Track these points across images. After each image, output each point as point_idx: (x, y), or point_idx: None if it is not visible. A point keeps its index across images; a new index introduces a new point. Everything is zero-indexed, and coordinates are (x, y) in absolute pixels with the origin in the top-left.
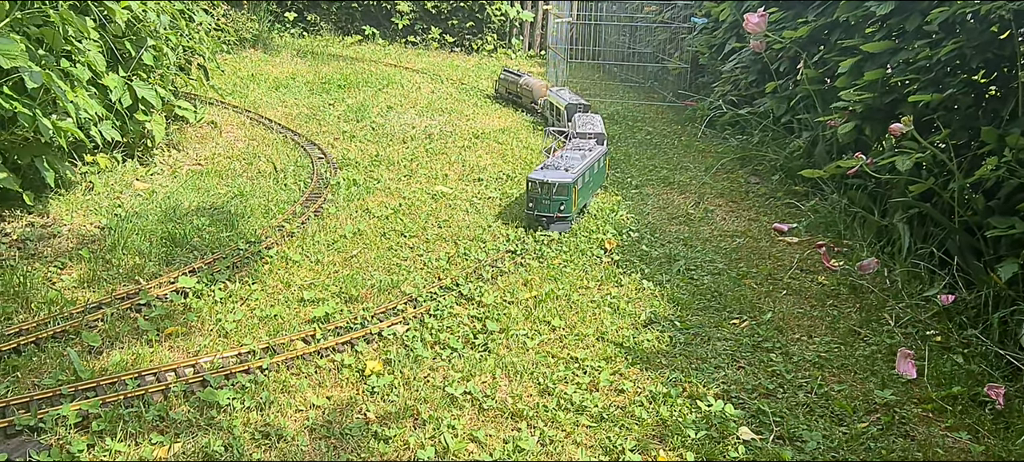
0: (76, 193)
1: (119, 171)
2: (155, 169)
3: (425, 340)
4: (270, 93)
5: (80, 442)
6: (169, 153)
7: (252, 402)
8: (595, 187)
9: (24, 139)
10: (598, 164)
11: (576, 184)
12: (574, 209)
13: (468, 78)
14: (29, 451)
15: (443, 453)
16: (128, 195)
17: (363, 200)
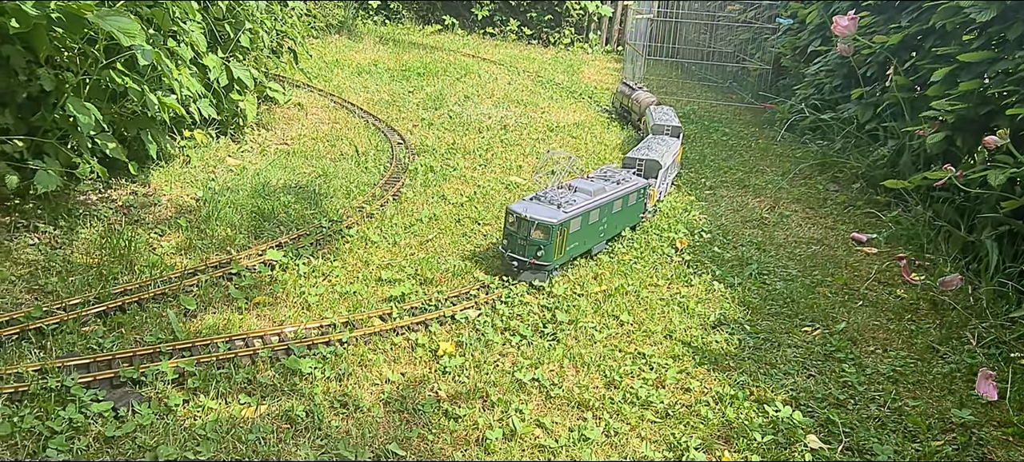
0: (174, 166)
1: (213, 147)
2: (246, 147)
3: (496, 326)
4: (353, 78)
5: (177, 397)
6: (259, 132)
7: (332, 372)
8: (617, 228)
9: (132, 113)
10: (624, 201)
11: (565, 226)
12: (558, 257)
13: (545, 71)
14: (132, 401)
15: (510, 435)
16: (221, 170)
17: (439, 186)
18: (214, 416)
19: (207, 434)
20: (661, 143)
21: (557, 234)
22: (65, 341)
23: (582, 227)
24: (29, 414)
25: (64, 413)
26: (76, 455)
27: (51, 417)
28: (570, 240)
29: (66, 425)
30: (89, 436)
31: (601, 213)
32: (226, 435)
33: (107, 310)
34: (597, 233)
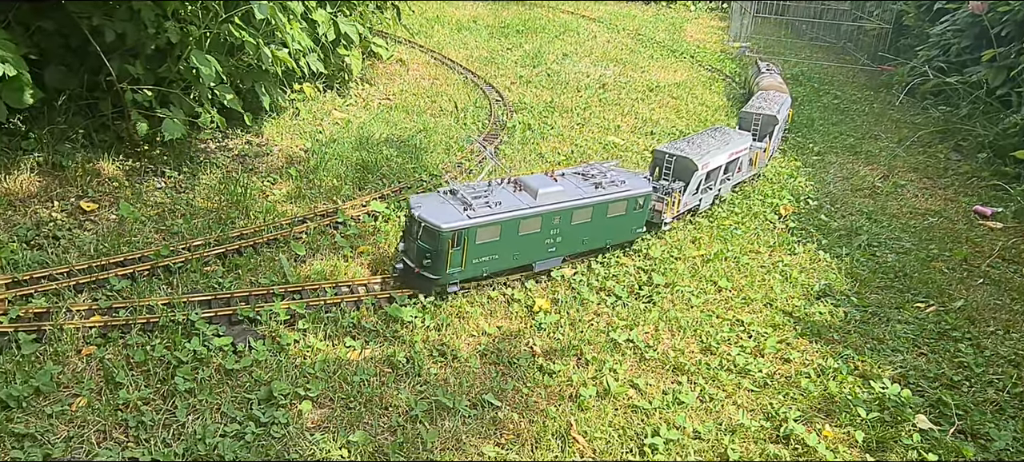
0: (285, 118)
1: (320, 100)
2: (350, 101)
3: (591, 285)
4: (453, 35)
5: (288, 336)
6: (362, 87)
7: (431, 321)
8: (585, 244)
9: (247, 66)
10: (599, 212)
11: (465, 234)
12: (452, 270)
13: (645, 29)
14: (249, 338)
15: (604, 394)
16: (327, 123)
17: (537, 144)
18: (322, 356)
19: (316, 373)
20: (774, 99)
21: (449, 242)
22: (189, 279)
23: (505, 238)
24: (160, 344)
25: (189, 345)
26: (201, 385)
27: (178, 348)
28: (478, 252)
29: (191, 356)
30: (211, 367)
31: (546, 223)
32: (333, 375)
33: (226, 252)
34: (539, 247)
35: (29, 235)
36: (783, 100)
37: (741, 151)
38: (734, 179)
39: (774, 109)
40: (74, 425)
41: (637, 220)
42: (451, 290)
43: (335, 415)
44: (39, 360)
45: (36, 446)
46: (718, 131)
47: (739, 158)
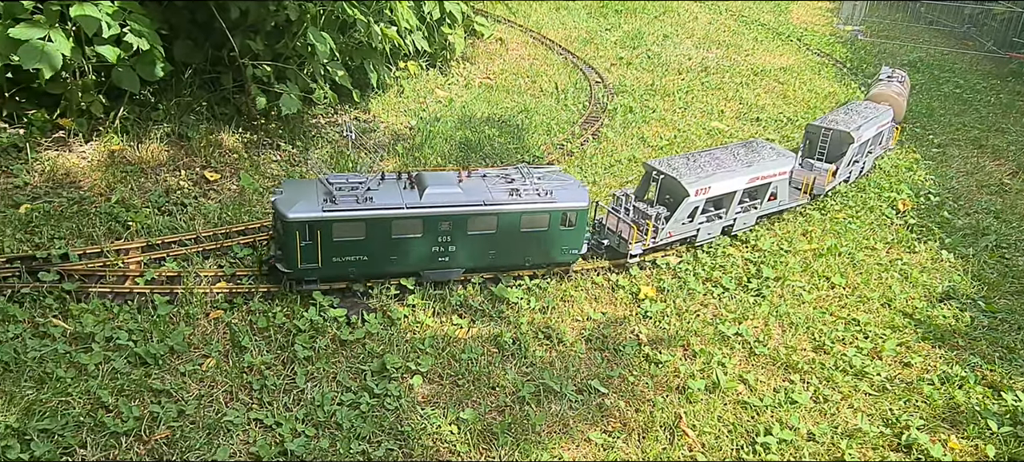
0: (390, 95)
1: (423, 78)
2: (452, 79)
3: (698, 275)
4: (551, 14)
5: (399, 312)
6: (463, 65)
7: (537, 304)
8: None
9: (357, 43)
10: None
11: (317, 228)
12: (304, 265)
13: (749, 10)
14: (362, 311)
15: (713, 387)
16: (430, 101)
17: (638, 128)
18: (431, 332)
19: (426, 348)
20: (864, 114)
21: (296, 235)
22: None
23: (373, 238)
24: (280, 312)
25: (307, 314)
26: (318, 354)
27: (297, 317)
28: (338, 250)
29: (308, 325)
30: (327, 337)
31: (430, 228)
32: (442, 351)
33: None
34: (424, 254)
35: (160, 201)
36: (877, 117)
37: (774, 175)
38: (764, 209)
39: (854, 125)
40: (204, 384)
41: (569, 239)
42: (308, 288)
43: (444, 391)
44: (172, 321)
45: (171, 402)
46: (749, 147)
47: (771, 183)
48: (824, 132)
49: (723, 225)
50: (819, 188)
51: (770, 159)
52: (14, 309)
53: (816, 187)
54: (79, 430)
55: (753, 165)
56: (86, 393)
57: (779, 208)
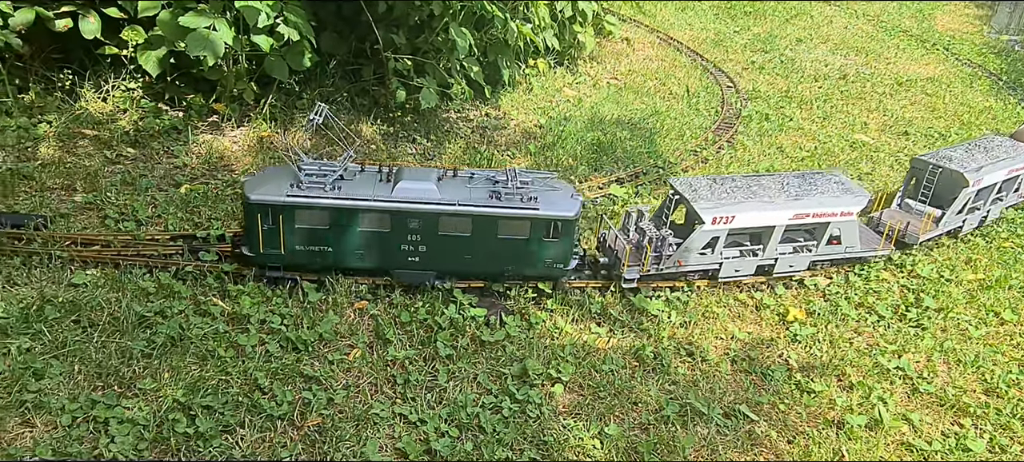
0: (518, 92)
1: (551, 76)
2: (580, 78)
3: (850, 298)
4: (677, 14)
5: (538, 316)
6: (590, 65)
7: (678, 318)
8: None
9: (492, 39)
10: (486, 227)
11: (283, 216)
12: (265, 250)
13: (888, 15)
14: (500, 312)
15: (875, 425)
16: (558, 100)
17: (775, 137)
18: (570, 339)
19: (566, 356)
20: (998, 151)
21: (258, 217)
22: None
23: (339, 229)
24: (422, 307)
25: (447, 312)
26: (459, 353)
27: (437, 313)
28: (301, 238)
29: (448, 323)
30: (467, 336)
31: (398, 225)
32: (582, 360)
33: None
34: (393, 252)
35: None
36: (1012, 158)
37: (832, 214)
38: (823, 253)
39: (972, 165)
40: (351, 374)
41: (553, 252)
42: (273, 275)
43: (586, 403)
44: (321, 309)
45: (321, 390)
46: (808, 178)
47: (829, 224)
48: (932, 169)
49: (759, 263)
50: (912, 237)
51: (830, 195)
52: (179, 286)
53: (908, 235)
54: (238, 409)
55: (802, 200)
56: (243, 373)
57: (847, 255)
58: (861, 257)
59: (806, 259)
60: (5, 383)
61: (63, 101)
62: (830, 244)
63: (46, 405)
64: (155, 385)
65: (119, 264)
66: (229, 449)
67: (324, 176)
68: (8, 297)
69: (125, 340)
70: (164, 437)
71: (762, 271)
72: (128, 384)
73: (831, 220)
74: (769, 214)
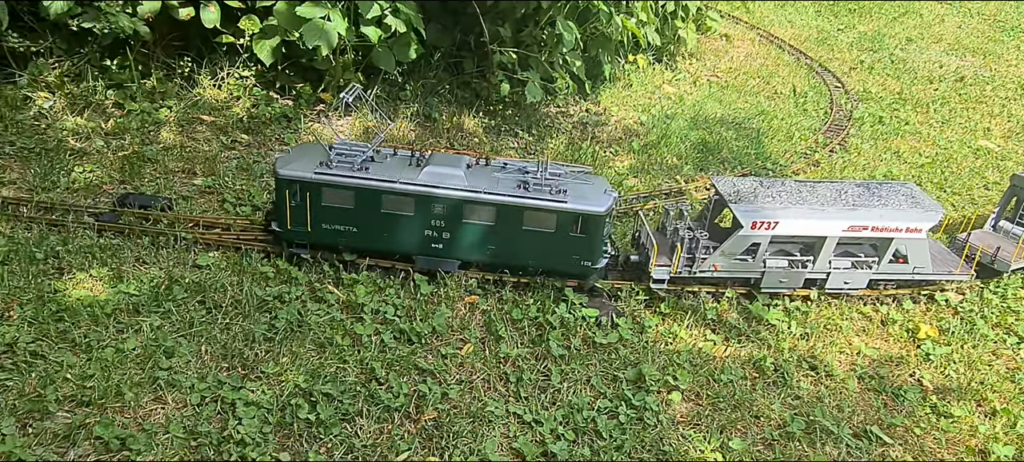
0: (618, 88)
1: (650, 72)
2: (679, 75)
3: (986, 317)
4: (776, 10)
5: (651, 319)
6: (689, 61)
7: (798, 329)
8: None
9: (596, 34)
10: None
11: (310, 193)
12: (294, 228)
13: (1006, 14)
14: (611, 314)
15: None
16: (657, 97)
17: (891, 141)
18: (685, 346)
19: (682, 363)
20: None
21: (286, 193)
22: None
23: (363, 210)
24: (533, 305)
25: (558, 311)
26: (571, 353)
27: (548, 312)
28: (326, 216)
29: (559, 322)
30: (578, 337)
31: (423, 209)
32: (699, 368)
33: None
34: (416, 237)
35: None
36: None
37: (895, 230)
38: (885, 272)
39: None
40: (464, 370)
41: (580, 248)
42: (298, 252)
43: (705, 413)
44: (433, 301)
45: (436, 384)
46: (872, 188)
47: (891, 240)
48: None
49: (808, 276)
50: (1002, 263)
51: (894, 208)
52: (296, 272)
53: (998, 261)
54: (356, 399)
55: (860, 211)
56: (360, 363)
57: (915, 276)
58: (931, 280)
59: (865, 277)
60: (139, 359)
61: (181, 88)
62: (897, 263)
63: (177, 383)
64: (277, 369)
65: (239, 248)
66: (349, 438)
67: (355, 156)
68: (139, 276)
69: (248, 323)
70: (287, 422)
71: (811, 285)
72: (251, 366)
73: (895, 236)
74: (819, 223)
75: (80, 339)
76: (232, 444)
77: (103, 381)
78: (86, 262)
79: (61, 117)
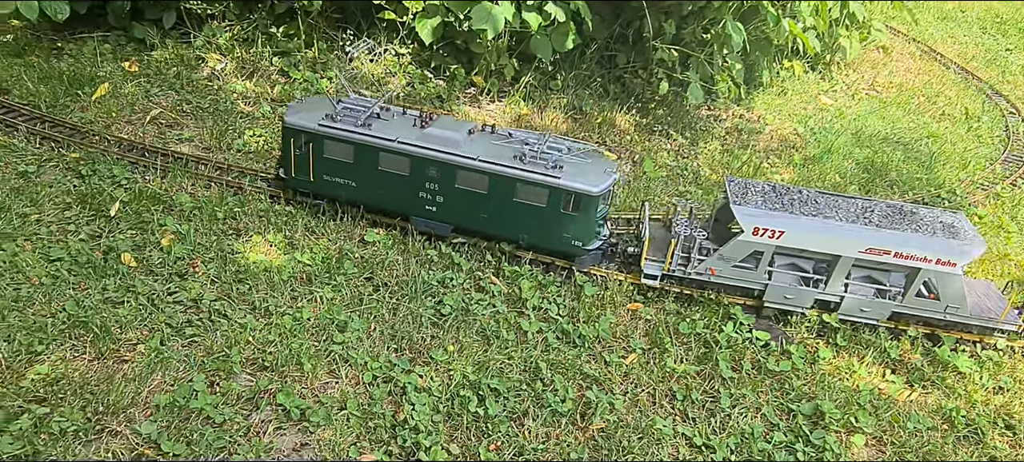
0: (770, 94)
1: (805, 81)
2: (836, 85)
3: None
4: (937, 24)
5: (826, 350)
6: (844, 72)
7: (991, 381)
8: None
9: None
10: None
11: (313, 143)
12: (296, 174)
13: None
14: (782, 339)
15: None
16: (812, 108)
17: None
18: (865, 385)
19: (863, 403)
20: None
21: (291, 141)
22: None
23: (361, 165)
24: (699, 321)
25: (726, 329)
26: (742, 377)
27: (715, 328)
28: (327, 168)
29: (726, 341)
30: (746, 358)
31: (417, 170)
32: (881, 412)
33: None
34: (411, 197)
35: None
36: None
37: (920, 259)
38: (912, 306)
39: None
40: (629, 381)
41: (571, 227)
42: (301, 199)
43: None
44: (597, 304)
45: (602, 393)
46: (905, 211)
47: (919, 271)
48: None
49: (818, 297)
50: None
51: (925, 236)
52: (458, 258)
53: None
54: (521, 398)
55: (884, 232)
56: (524, 360)
57: (947, 316)
58: (966, 323)
59: (887, 308)
60: (314, 330)
61: (339, 60)
62: (927, 298)
63: (351, 360)
64: (445, 357)
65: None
66: (515, 437)
67: (361, 112)
68: (310, 245)
69: (414, 305)
70: (456, 413)
71: (825, 307)
72: (419, 350)
73: (922, 266)
74: (831, 239)
75: (259, 303)
76: (407, 430)
77: (284, 349)
78: (262, 226)
79: (231, 80)
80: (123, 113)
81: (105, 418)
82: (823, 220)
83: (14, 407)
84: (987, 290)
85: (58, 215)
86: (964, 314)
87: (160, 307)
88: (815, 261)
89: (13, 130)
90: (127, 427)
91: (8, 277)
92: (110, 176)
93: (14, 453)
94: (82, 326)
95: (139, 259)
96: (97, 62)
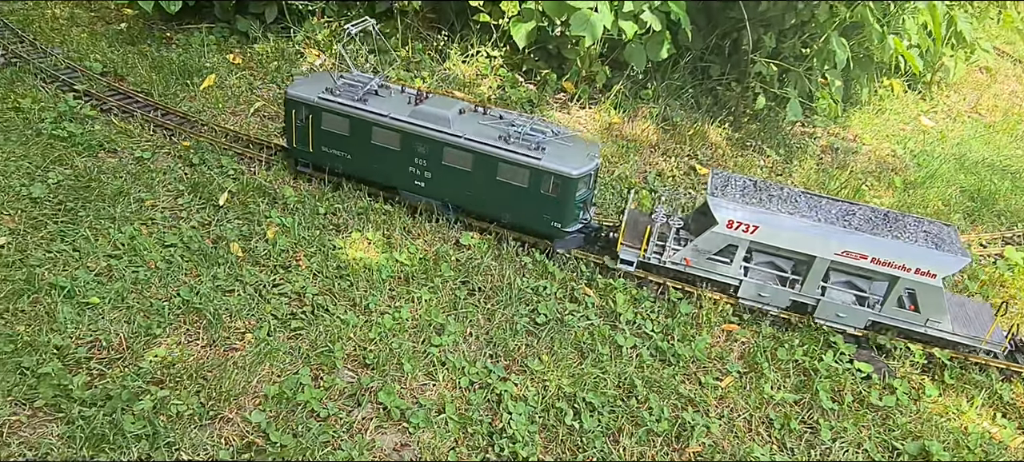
0: (867, 112)
1: (903, 100)
2: (936, 106)
3: None
4: None
5: (932, 387)
6: (944, 92)
7: None
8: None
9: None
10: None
11: (313, 115)
12: (297, 144)
13: None
14: (885, 372)
15: None
16: (911, 129)
17: None
18: (974, 427)
19: (973, 447)
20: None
21: (292, 112)
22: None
23: (355, 138)
24: (798, 347)
25: (826, 358)
26: (843, 409)
27: (815, 357)
28: (325, 139)
29: (826, 370)
30: (846, 389)
31: (407, 146)
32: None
33: None
34: (402, 172)
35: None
36: None
37: (899, 267)
38: (891, 315)
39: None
40: (725, 404)
41: (551, 208)
42: (301, 169)
43: None
44: (693, 323)
45: (698, 415)
46: (894, 218)
47: (898, 279)
48: None
49: (794, 297)
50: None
51: (906, 243)
52: (552, 267)
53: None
54: (616, 414)
55: (862, 235)
56: (618, 375)
57: (928, 330)
58: (949, 341)
59: (863, 316)
60: (413, 331)
61: (431, 60)
62: (906, 309)
63: (449, 363)
64: (541, 368)
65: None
66: (609, 454)
67: (359, 88)
68: (408, 246)
69: (509, 312)
70: (552, 425)
71: (799, 310)
72: (513, 358)
73: (901, 275)
74: (806, 238)
75: (359, 300)
76: (505, 439)
77: (384, 347)
78: (362, 224)
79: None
80: (228, 104)
81: (218, 404)
82: (800, 218)
83: (136, 386)
84: (979, 310)
85: (171, 201)
86: (945, 329)
87: (266, 298)
88: (794, 261)
89: (130, 116)
90: (238, 415)
91: (127, 260)
92: (218, 166)
93: (136, 433)
94: (195, 312)
95: (246, 249)
96: (203, 53)
